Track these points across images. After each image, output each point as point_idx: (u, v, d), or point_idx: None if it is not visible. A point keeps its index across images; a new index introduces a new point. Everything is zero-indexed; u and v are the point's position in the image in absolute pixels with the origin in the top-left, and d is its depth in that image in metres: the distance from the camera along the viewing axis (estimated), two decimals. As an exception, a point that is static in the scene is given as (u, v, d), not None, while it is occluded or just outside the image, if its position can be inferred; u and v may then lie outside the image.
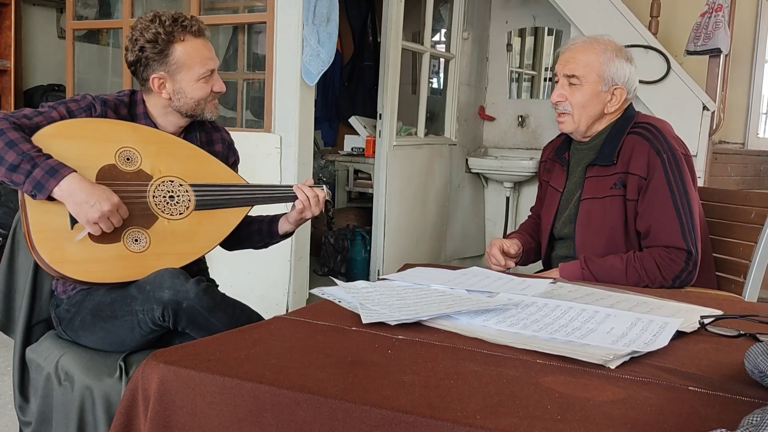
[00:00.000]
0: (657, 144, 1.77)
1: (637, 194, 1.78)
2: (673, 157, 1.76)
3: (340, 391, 0.83)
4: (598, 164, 1.84)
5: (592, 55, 1.83)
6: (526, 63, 5.09)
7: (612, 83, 1.83)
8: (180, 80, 1.65)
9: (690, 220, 1.74)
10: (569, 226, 1.90)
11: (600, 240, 1.82)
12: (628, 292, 1.44)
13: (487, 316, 1.16)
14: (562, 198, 1.95)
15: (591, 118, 1.86)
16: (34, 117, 1.53)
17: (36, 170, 1.42)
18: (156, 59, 1.63)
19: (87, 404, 1.52)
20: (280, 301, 3.17)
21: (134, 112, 1.70)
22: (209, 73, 1.68)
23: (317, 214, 1.76)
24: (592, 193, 1.84)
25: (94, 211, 1.45)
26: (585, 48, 1.85)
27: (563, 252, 1.94)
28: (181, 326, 1.51)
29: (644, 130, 1.81)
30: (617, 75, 1.83)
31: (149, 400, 0.92)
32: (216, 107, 1.75)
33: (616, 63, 1.83)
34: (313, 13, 3.02)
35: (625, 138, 1.82)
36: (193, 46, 1.65)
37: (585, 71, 1.82)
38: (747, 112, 4.51)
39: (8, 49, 4.51)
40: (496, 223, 4.76)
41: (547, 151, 2.11)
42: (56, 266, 1.48)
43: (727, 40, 3.31)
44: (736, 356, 1.01)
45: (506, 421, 0.76)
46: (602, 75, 1.82)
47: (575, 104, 1.84)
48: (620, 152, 1.81)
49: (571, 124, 1.87)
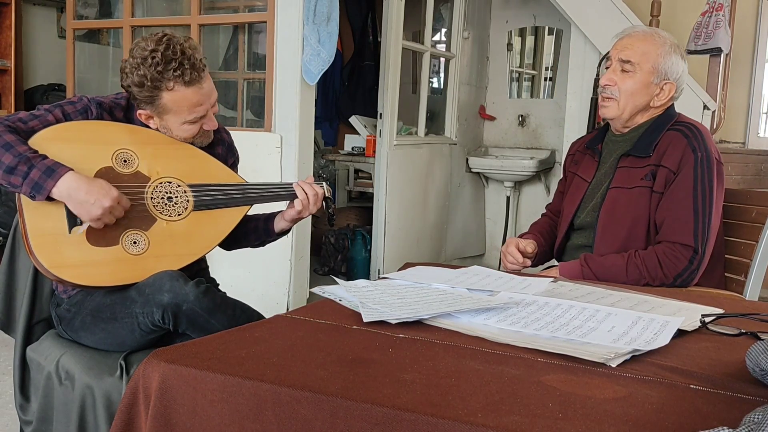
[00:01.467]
0: (695, 142, 1.77)
1: (663, 187, 1.77)
2: (707, 158, 1.75)
3: (341, 390, 0.83)
4: (633, 155, 1.83)
5: (651, 46, 1.82)
6: (526, 62, 5.09)
7: (664, 77, 1.83)
8: (167, 120, 1.61)
9: (706, 221, 1.73)
10: (592, 215, 1.88)
11: (621, 230, 1.80)
12: (629, 291, 1.44)
13: (488, 315, 1.16)
14: (589, 188, 1.93)
15: (636, 107, 1.85)
16: (29, 121, 1.52)
17: (33, 171, 1.41)
18: (143, 100, 1.58)
19: (88, 403, 1.52)
20: (280, 301, 3.17)
21: (131, 116, 1.68)
22: (198, 120, 1.62)
23: (314, 211, 1.75)
24: (621, 183, 1.83)
25: (96, 208, 1.45)
26: (645, 37, 1.84)
27: (580, 241, 1.92)
28: (181, 328, 1.51)
29: (685, 128, 1.81)
30: (671, 70, 1.83)
31: (150, 398, 0.92)
32: (209, 137, 1.71)
33: (673, 58, 1.83)
34: (314, 12, 3.02)
35: (664, 133, 1.82)
36: (181, 95, 1.56)
37: (641, 59, 1.82)
38: (747, 112, 4.51)
39: (9, 48, 4.51)
40: (497, 222, 4.76)
41: (577, 144, 2.10)
42: (55, 271, 1.47)
43: (728, 39, 3.31)
44: (737, 355, 1.01)
45: (507, 419, 0.76)
46: (657, 67, 1.82)
47: (624, 90, 1.83)
48: (657, 146, 1.81)
49: (615, 110, 1.86)
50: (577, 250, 1.90)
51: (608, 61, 1.90)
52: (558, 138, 4.36)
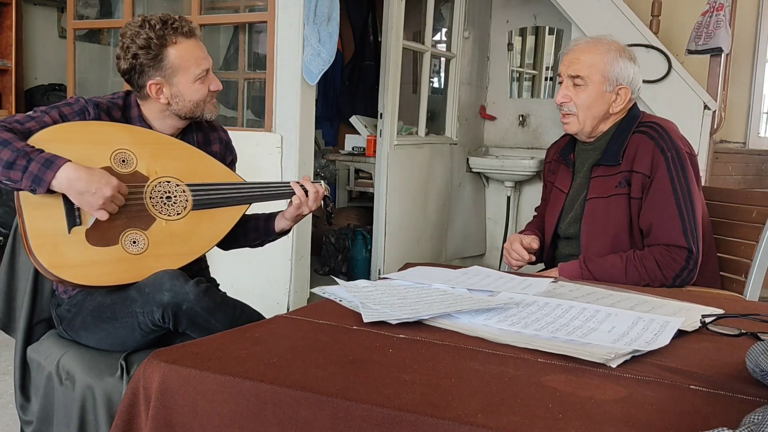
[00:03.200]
0: (661, 142, 1.77)
1: (641, 192, 1.78)
2: (677, 155, 1.76)
3: (341, 390, 0.83)
4: (604, 164, 1.84)
5: (596, 56, 1.83)
6: (527, 62, 5.09)
7: (616, 83, 1.83)
8: (177, 83, 1.64)
9: (692, 218, 1.74)
10: (575, 226, 1.90)
11: (605, 239, 1.82)
12: (629, 291, 1.43)
13: (488, 315, 1.16)
14: (567, 198, 1.95)
15: (596, 118, 1.86)
16: (26, 122, 1.52)
17: (32, 164, 1.41)
18: (150, 65, 1.61)
19: (88, 403, 1.52)
20: (281, 301, 3.17)
21: (129, 115, 1.68)
22: (205, 73, 1.67)
23: (314, 209, 1.76)
24: (597, 193, 1.84)
25: (97, 197, 1.46)
26: (588, 48, 1.85)
27: (567, 251, 1.94)
28: (181, 328, 1.51)
29: (649, 129, 1.81)
30: (621, 75, 1.83)
31: (150, 399, 0.92)
32: (215, 106, 1.74)
33: (620, 63, 1.83)
34: (314, 12, 3.02)
35: (630, 137, 1.82)
36: (186, 47, 1.63)
37: (589, 71, 1.82)
38: (748, 112, 4.50)
39: (9, 48, 4.51)
40: (497, 222, 4.76)
41: (552, 152, 2.11)
42: (55, 271, 1.47)
43: (728, 39, 3.30)
44: (737, 355, 1.01)
45: (507, 419, 0.76)
46: (606, 75, 1.82)
47: (580, 105, 1.84)
48: (625, 151, 1.81)
49: (576, 125, 1.87)
50: (566, 259, 1.91)
51: (559, 77, 1.90)
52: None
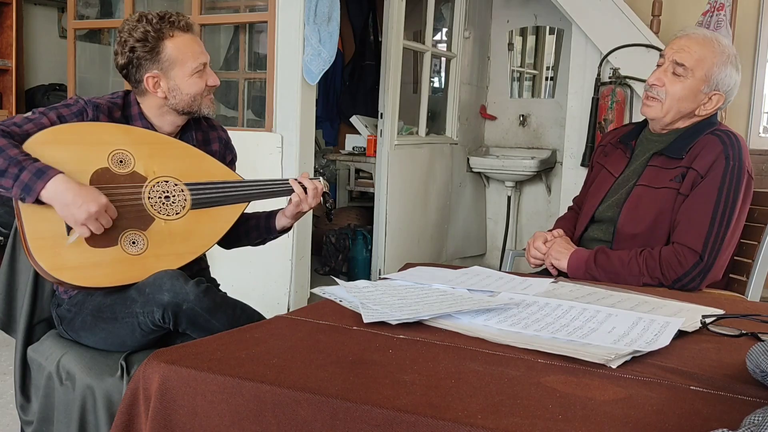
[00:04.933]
0: (730, 150, 1.71)
1: (690, 189, 1.72)
2: (739, 168, 1.70)
3: (341, 391, 0.83)
4: (666, 155, 1.78)
5: (709, 52, 1.75)
6: (527, 62, 5.08)
7: (715, 87, 1.76)
8: (174, 77, 1.65)
9: (722, 232, 1.68)
10: (614, 210, 1.83)
11: (641, 227, 1.76)
12: (630, 292, 1.43)
13: (489, 316, 1.16)
14: (616, 182, 1.88)
15: (680, 113, 1.79)
16: (24, 124, 1.52)
17: (23, 173, 1.41)
18: (148, 58, 1.62)
19: (88, 404, 1.52)
20: (281, 301, 3.17)
21: (129, 113, 1.69)
22: (202, 67, 1.68)
23: (314, 206, 1.75)
24: (649, 182, 1.78)
25: (81, 212, 1.44)
26: (704, 42, 1.77)
27: (597, 234, 1.87)
28: (181, 328, 1.51)
29: (724, 135, 1.75)
30: (723, 81, 1.76)
31: (150, 399, 0.92)
32: (212, 102, 1.74)
33: (728, 69, 1.76)
34: (314, 12, 3.02)
35: (701, 137, 1.76)
36: (182, 41, 1.65)
37: (696, 65, 1.75)
38: (749, 112, 4.50)
39: (10, 48, 4.52)
40: (498, 222, 4.76)
41: (609, 136, 2.04)
42: (54, 273, 1.47)
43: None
44: (737, 356, 1.01)
45: (508, 420, 0.76)
46: (710, 75, 1.75)
47: (671, 94, 1.77)
48: (691, 149, 1.75)
49: (658, 111, 1.79)
50: (591, 243, 1.85)
51: (660, 59, 1.82)
52: (559, 138, 4.36)
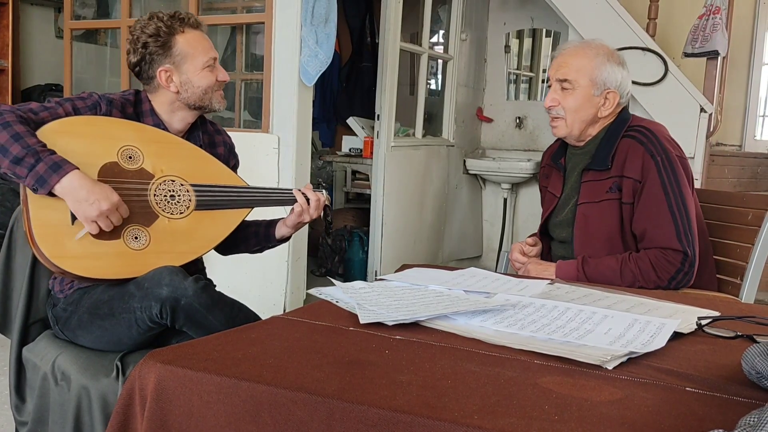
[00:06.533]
0: (651, 147, 1.77)
1: (632, 197, 1.78)
2: (667, 159, 1.76)
3: (337, 391, 0.83)
4: (593, 169, 1.85)
5: (584, 60, 1.83)
6: (524, 64, 5.10)
7: (604, 87, 1.83)
8: (186, 71, 1.69)
9: (686, 221, 1.74)
10: (567, 230, 1.91)
11: (598, 243, 1.83)
12: (626, 294, 1.44)
13: (485, 317, 1.16)
14: (559, 202, 1.97)
15: (584, 122, 1.86)
16: (40, 112, 1.55)
17: (39, 165, 1.43)
18: (160, 53, 1.67)
19: (84, 404, 1.51)
20: (277, 301, 3.17)
21: (140, 110, 1.72)
22: (212, 62, 1.73)
23: (315, 217, 1.77)
24: (588, 198, 1.85)
25: (93, 209, 1.46)
26: (577, 52, 1.85)
27: (560, 253, 1.95)
28: (178, 324, 1.51)
29: (638, 134, 1.81)
30: (609, 79, 1.83)
31: (146, 399, 0.92)
32: (222, 97, 1.78)
33: (608, 67, 1.83)
34: (312, 13, 3.02)
35: (620, 141, 1.82)
36: (193, 36, 1.71)
37: (577, 75, 1.83)
38: (744, 115, 4.52)
39: (6, 48, 4.51)
40: (494, 224, 4.76)
41: (545, 157, 2.12)
42: (56, 261, 1.48)
43: (725, 42, 3.31)
44: (733, 357, 1.01)
45: (504, 421, 0.76)
46: (594, 79, 1.83)
47: (568, 108, 1.85)
48: (615, 156, 1.82)
49: (564, 129, 1.88)
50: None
51: (549, 82, 1.91)
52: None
